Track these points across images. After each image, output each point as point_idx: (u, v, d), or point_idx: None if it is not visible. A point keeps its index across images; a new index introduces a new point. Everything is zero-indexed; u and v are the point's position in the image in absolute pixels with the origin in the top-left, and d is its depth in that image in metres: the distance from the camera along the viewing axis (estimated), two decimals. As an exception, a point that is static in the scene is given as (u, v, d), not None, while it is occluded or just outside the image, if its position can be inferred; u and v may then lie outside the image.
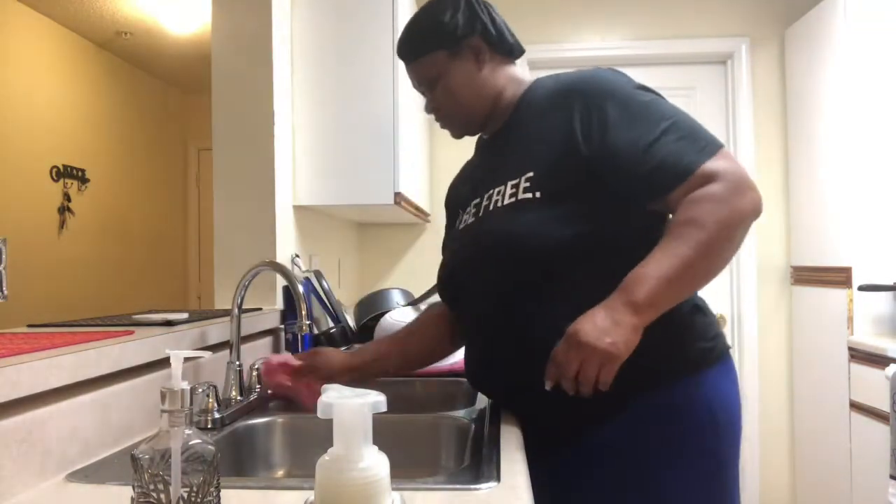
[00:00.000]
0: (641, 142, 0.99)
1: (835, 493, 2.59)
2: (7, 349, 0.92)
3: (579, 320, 0.95)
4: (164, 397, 0.62)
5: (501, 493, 0.82)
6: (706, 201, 0.95)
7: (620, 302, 0.94)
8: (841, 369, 2.58)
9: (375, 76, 2.13)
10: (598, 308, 0.95)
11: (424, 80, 1.19)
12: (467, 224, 1.17)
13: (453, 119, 1.21)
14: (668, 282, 0.94)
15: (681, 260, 0.94)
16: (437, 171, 3.20)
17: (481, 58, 1.16)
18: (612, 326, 0.92)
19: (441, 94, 1.18)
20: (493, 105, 1.18)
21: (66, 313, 3.91)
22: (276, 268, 1.37)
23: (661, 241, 0.97)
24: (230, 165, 1.90)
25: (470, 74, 1.16)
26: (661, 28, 3.17)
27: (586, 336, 0.92)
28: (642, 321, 0.94)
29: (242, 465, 1.22)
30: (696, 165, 0.97)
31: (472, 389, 1.56)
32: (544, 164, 1.06)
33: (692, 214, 0.95)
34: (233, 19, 1.91)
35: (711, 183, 0.96)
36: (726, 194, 0.95)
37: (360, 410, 0.62)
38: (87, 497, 0.82)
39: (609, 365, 0.93)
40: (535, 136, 1.10)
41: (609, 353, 0.92)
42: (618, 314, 0.93)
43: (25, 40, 3.83)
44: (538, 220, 1.02)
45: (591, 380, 0.93)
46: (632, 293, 0.94)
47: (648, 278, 0.94)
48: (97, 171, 4.44)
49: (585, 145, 1.03)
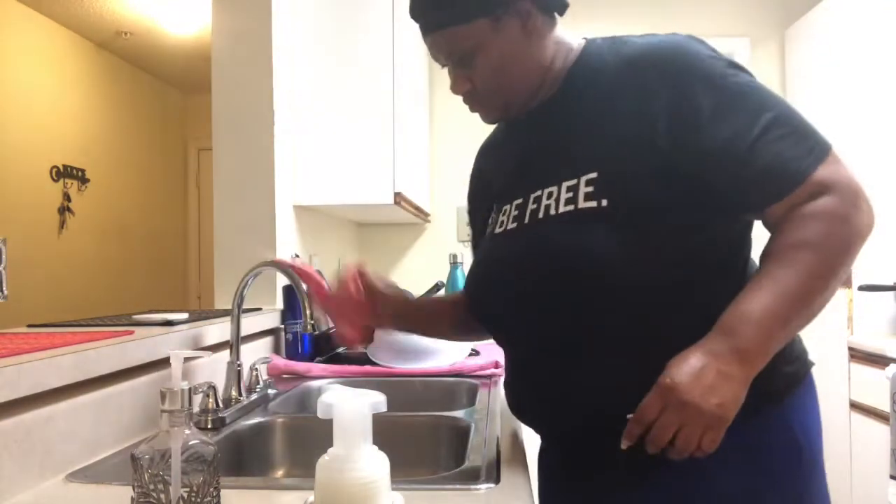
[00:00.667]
0: (741, 141, 0.80)
1: (835, 493, 2.58)
2: (7, 349, 0.92)
3: (674, 369, 0.75)
4: (164, 397, 0.62)
5: (501, 493, 0.82)
6: (819, 219, 0.78)
7: (726, 348, 0.75)
8: (841, 369, 2.58)
9: (375, 76, 2.13)
10: (698, 353, 0.76)
11: (455, 54, 0.92)
12: (508, 230, 0.94)
13: (491, 101, 0.96)
14: (781, 320, 0.76)
15: (792, 292, 0.76)
16: (437, 170, 3.20)
17: (530, 25, 0.91)
18: (720, 381, 0.74)
19: (479, 72, 0.92)
20: (540, 80, 0.94)
21: (66, 313, 3.91)
22: (278, 267, 1.36)
23: (766, 267, 0.79)
24: (230, 165, 1.90)
25: (516, 46, 0.91)
26: (661, 28, 3.15)
27: (689, 394, 0.73)
28: (753, 372, 0.76)
29: (242, 465, 1.22)
30: (807, 173, 0.79)
31: (472, 389, 1.56)
32: (612, 162, 0.84)
33: (804, 235, 0.78)
34: (233, 19, 1.91)
35: (823, 195, 0.79)
36: (842, 210, 0.78)
37: (360, 410, 0.62)
38: (87, 497, 0.82)
39: (716, 430, 0.75)
40: (597, 123, 0.87)
41: (717, 416, 0.74)
42: (724, 364, 0.75)
43: (25, 40, 3.83)
44: (608, 238, 0.81)
45: (691, 447, 0.75)
46: (739, 337, 0.75)
47: (757, 318, 0.76)
48: (97, 171, 4.44)
49: (668, 141, 0.82)
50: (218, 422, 1.20)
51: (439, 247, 3.18)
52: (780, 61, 3.15)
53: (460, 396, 1.62)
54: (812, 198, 0.79)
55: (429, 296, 2.06)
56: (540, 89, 0.95)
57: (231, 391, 1.30)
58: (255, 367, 1.41)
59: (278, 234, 1.91)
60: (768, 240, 0.82)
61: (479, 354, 1.87)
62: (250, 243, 1.88)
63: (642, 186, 0.82)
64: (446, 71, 0.97)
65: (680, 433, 0.75)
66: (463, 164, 2.91)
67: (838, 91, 2.67)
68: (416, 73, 2.66)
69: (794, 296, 0.77)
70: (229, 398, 1.29)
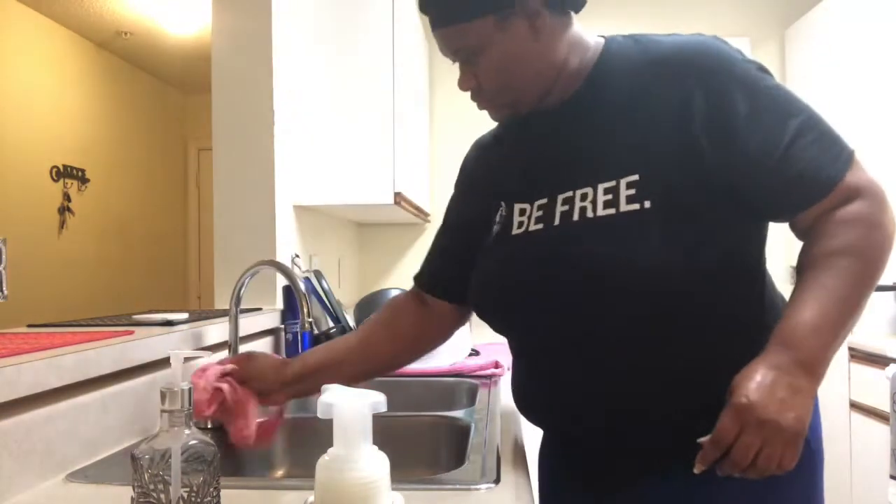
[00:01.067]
0: (775, 146, 0.81)
1: (835, 493, 2.58)
2: (7, 349, 0.92)
3: (746, 388, 0.73)
4: (164, 397, 0.62)
5: (501, 493, 0.82)
6: (856, 225, 0.79)
7: (790, 361, 0.74)
8: (841, 369, 2.58)
9: (375, 76, 2.13)
10: (762, 369, 0.74)
11: (461, 51, 0.90)
12: (530, 231, 0.91)
13: (497, 99, 0.93)
14: (835, 328, 0.77)
15: (843, 299, 0.78)
16: (437, 170, 3.20)
17: (538, 24, 0.88)
18: (792, 395, 0.73)
19: (484, 70, 0.90)
20: (552, 81, 0.92)
21: (66, 313, 3.91)
22: (276, 266, 1.36)
23: (809, 275, 0.80)
24: (230, 165, 1.90)
25: (523, 46, 0.88)
26: (660, 28, 3.15)
27: (766, 412, 0.72)
28: (819, 382, 0.76)
29: (242, 465, 1.22)
30: (839, 179, 0.80)
31: (472, 389, 1.56)
32: (655, 163, 0.83)
33: (845, 242, 0.79)
34: (233, 19, 1.91)
35: (854, 200, 0.80)
36: (876, 215, 0.80)
37: (360, 410, 0.62)
38: (87, 497, 0.82)
39: (795, 446, 0.73)
40: (632, 124, 0.86)
41: (796, 431, 0.73)
42: (792, 378, 0.74)
43: (25, 40, 3.83)
44: (654, 242, 0.80)
45: (773, 466, 0.73)
46: (801, 349, 0.75)
47: (813, 327, 0.76)
48: (97, 171, 4.44)
49: (707, 143, 0.82)
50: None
51: (439, 247, 3.17)
52: (780, 61, 3.15)
53: (460, 396, 1.63)
54: (843, 203, 0.81)
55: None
56: (554, 88, 0.92)
57: (231, 391, 1.30)
58: (255, 367, 1.40)
59: (278, 234, 1.91)
60: (804, 246, 0.83)
61: (479, 354, 1.87)
62: (250, 243, 1.88)
63: (684, 187, 0.82)
64: (446, 71, 1.00)
65: (762, 452, 0.73)
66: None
67: (838, 91, 2.68)
68: (416, 73, 2.66)
69: (844, 302, 0.78)
70: (229, 398, 1.29)
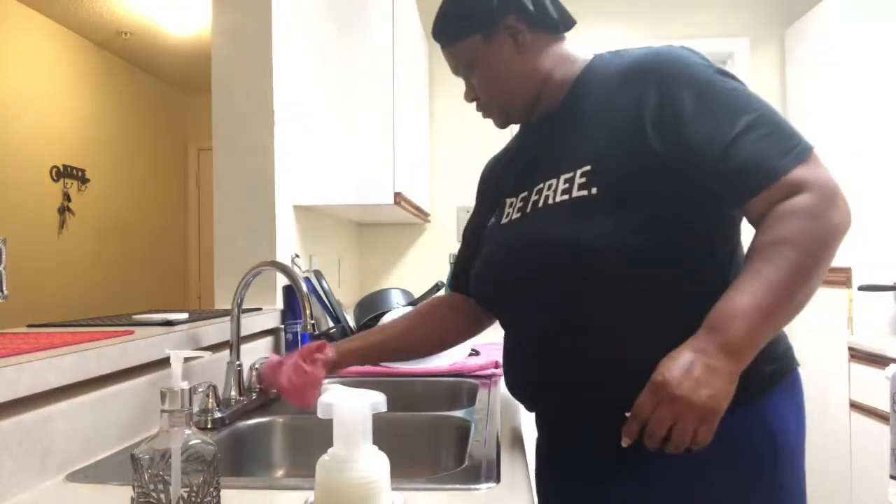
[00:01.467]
0: (721, 138, 0.86)
1: (835, 493, 2.58)
2: (7, 349, 0.92)
3: (665, 366, 0.80)
4: (164, 397, 0.62)
5: (501, 493, 0.82)
6: (796, 217, 0.82)
7: (713, 344, 0.79)
8: (841, 369, 2.58)
9: (375, 75, 2.13)
10: (686, 351, 0.80)
11: (461, 66, 1.07)
12: (512, 220, 1.04)
13: (493, 108, 1.08)
14: (764, 315, 0.80)
15: (776, 287, 0.80)
16: (437, 170, 3.20)
17: (520, 39, 1.01)
18: (708, 375, 0.78)
19: (479, 82, 1.05)
20: (538, 90, 1.04)
21: (66, 313, 3.91)
22: (278, 267, 1.37)
23: (748, 265, 0.83)
24: (230, 165, 1.90)
25: (508, 59, 1.02)
26: (661, 28, 3.17)
27: (679, 389, 0.77)
28: (740, 366, 0.80)
29: (242, 465, 1.22)
30: (783, 171, 0.84)
31: (472, 389, 1.56)
32: (604, 156, 0.92)
33: (781, 233, 0.82)
34: (233, 19, 1.91)
35: (800, 193, 0.83)
36: (818, 208, 0.82)
37: (360, 410, 0.62)
38: (87, 497, 0.82)
39: (709, 423, 0.78)
40: (593, 124, 0.96)
41: (710, 408, 0.77)
42: (712, 359, 0.78)
43: (25, 40, 3.83)
44: (597, 223, 0.89)
45: (686, 440, 0.79)
46: (725, 332, 0.79)
47: (742, 313, 0.79)
48: (97, 171, 4.45)
49: (656, 137, 0.89)
50: (218, 422, 1.20)
51: (439, 247, 3.18)
52: (780, 61, 3.15)
53: (460, 396, 1.63)
54: (789, 196, 0.83)
55: (428, 296, 2.06)
56: (540, 97, 1.05)
57: (231, 391, 1.30)
58: (255, 367, 1.41)
59: (278, 235, 1.91)
60: (753, 237, 0.86)
61: (479, 354, 1.87)
62: (250, 243, 1.88)
63: (630, 177, 0.90)
64: (446, 71, 1.12)
65: (675, 427, 0.78)
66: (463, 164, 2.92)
67: (838, 91, 2.68)
68: (416, 73, 2.66)
69: (777, 291, 0.80)
70: (229, 398, 1.29)
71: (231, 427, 1.21)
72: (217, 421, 1.20)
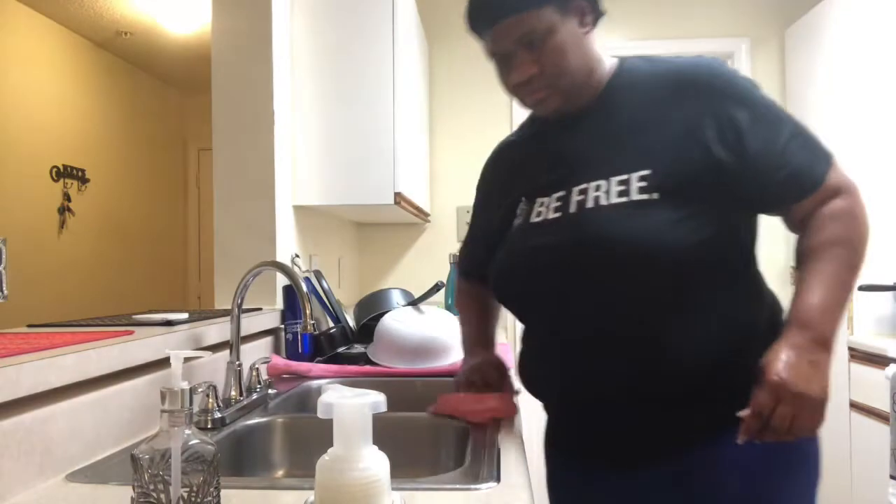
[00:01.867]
0: (774, 146, 0.96)
1: (835, 493, 2.58)
2: (7, 349, 0.92)
3: (775, 367, 0.87)
4: (164, 397, 0.62)
5: (501, 493, 0.82)
6: (845, 218, 0.96)
7: (808, 340, 0.89)
8: (841, 369, 2.58)
9: (375, 75, 2.12)
10: (787, 349, 0.88)
11: (526, 37, 1.00)
12: (549, 219, 1.03)
13: (557, 84, 1.02)
14: (838, 307, 0.91)
15: (840, 283, 0.93)
16: (437, 170, 3.20)
17: (585, 20, 1.03)
18: (813, 369, 0.88)
19: (548, 53, 1.00)
20: (588, 77, 1.04)
21: (66, 313, 3.91)
22: (278, 267, 1.37)
23: (812, 265, 0.94)
24: (230, 165, 1.90)
25: (577, 36, 1.02)
26: (661, 28, 3.17)
27: (797, 387, 0.86)
28: (832, 355, 0.90)
29: (242, 465, 1.22)
30: (826, 176, 0.96)
31: (472, 389, 1.55)
32: (665, 163, 0.96)
33: (835, 233, 0.95)
34: (233, 19, 1.91)
35: (838, 196, 0.96)
36: (858, 210, 0.97)
37: (360, 410, 0.62)
38: (87, 497, 0.82)
39: (820, 413, 0.89)
40: (644, 129, 0.99)
41: (822, 400, 0.88)
42: (812, 354, 0.88)
43: (25, 40, 3.83)
44: (663, 223, 0.93)
45: (806, 429, 0.89)
46: (817, 328, 0.89)
47: (822, 308, 0.90)
48: (97, 171, 4.45)
49: (721, 148, 0.95)
50: (218, 422, 1.20)
51: (439, 247, 3.18)
52: (780, 61, 3.15)
53: (460, 396, 1.62)
54: (828, 199, 0.96)
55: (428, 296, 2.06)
56: (584, 89, 1.05)
57: (231, 391, 1.30)
58: (255, 367, 1.41)
59: (278, 234, 1.91)
60: (800, 239, 0.99)
61: (479, 354, 1.86)
62: (250, 243, 1.88)
63: (691, 182, 0.95)
64: (446, 71, 1.07)
65: (795, 420, 0.87)
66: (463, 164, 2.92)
67: (838, 91, 2.68)
68: (416, 73, 2.66)
69: (842, 284, 0.93)
70: (229, 398, 1.29)
71: (231, 427, 1.21)
72: (217, 421, 1.20)
